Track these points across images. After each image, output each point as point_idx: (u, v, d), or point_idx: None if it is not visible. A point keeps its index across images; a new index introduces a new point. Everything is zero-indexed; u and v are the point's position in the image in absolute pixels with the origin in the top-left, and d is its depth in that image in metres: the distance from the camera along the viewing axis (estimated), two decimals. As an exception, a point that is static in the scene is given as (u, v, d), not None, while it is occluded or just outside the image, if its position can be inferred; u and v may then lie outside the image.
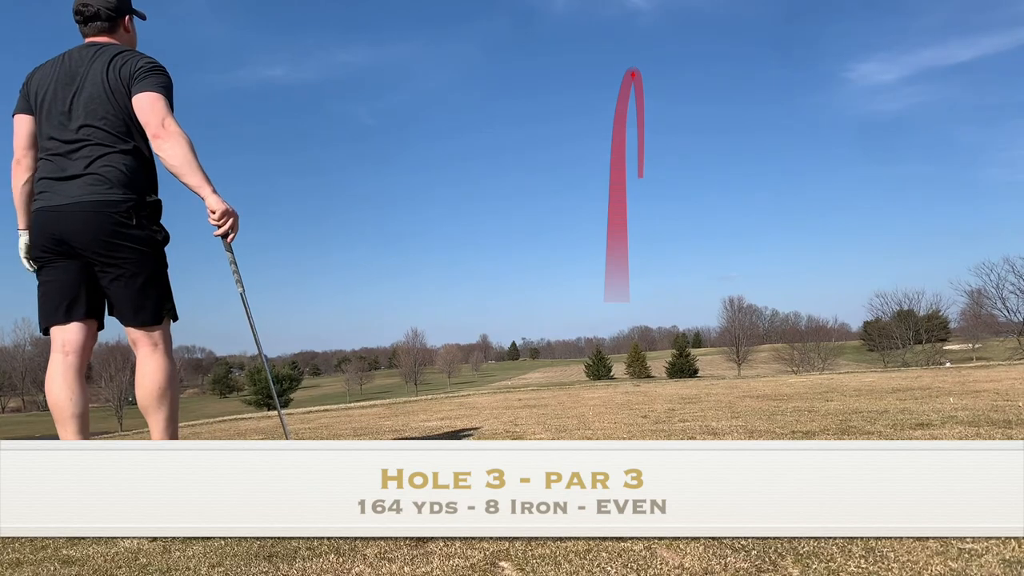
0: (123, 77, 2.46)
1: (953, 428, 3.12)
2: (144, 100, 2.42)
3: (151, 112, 2.40)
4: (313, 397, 65.57)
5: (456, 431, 4.16)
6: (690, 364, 63.80)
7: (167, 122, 2.40)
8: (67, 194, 2.40)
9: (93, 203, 2.37)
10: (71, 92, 2.48)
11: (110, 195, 2.38)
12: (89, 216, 2.37)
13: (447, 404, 7.04)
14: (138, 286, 2.45)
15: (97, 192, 2.38)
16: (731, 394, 6.06)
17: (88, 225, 2.38)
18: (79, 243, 2.39)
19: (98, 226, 2.37)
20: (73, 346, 2.46)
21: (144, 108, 2.41)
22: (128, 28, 2.67)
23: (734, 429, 3.46)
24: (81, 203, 2.38)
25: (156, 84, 2.45)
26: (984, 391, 4.97)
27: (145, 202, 2.46)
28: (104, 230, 2.37)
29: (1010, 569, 1.41)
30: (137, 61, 2.49)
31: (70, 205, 2.39)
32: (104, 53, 2.52)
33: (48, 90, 2.51)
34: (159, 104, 2.42)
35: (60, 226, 2.40)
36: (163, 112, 2.41)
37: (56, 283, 2.46)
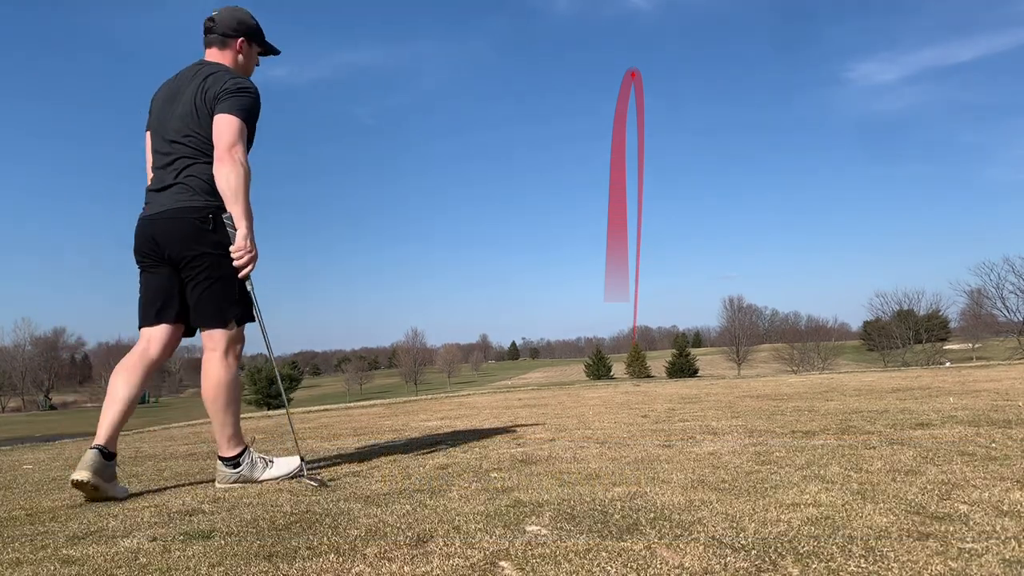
0: (208, 98, 2.56)
1: (953, 428, 3.12)
2: (219, 122, 2.52)
3: (220, 135, 2.50)
4: (313, 397, 65.60)
5: (456, 431, 4.16)
6: (690, 364, 63.80)
7: (234, 150, 2.48)
8: (160, 203, 2.56)
9: (176, 209, 2.53)
10: (172, 108, 2.63)
11: (192, 201, 2.53)
12: (173, 221, 2.53)
13: (447, 404, 7.03)
14: (208, 289, 2.55)
15: (181, 199, 2.53)
16: (731, 394, 6.06)
17: (172, 230, 2.53)
18: (167, 248, 2.55)
19: (180, 230, 2.52)
20: (155, 344, 2.61)
21: (217, 129, 2.51)
22: (242, 52, 2.74)
23: (734, 429, 3.46)
24: (168, 210, 2.54)
25: (235, 107, 2.53)
26: (984, 391, 4.97)
27: (224, 208, 2.53)
28: (184, 234, 2.51)
29: (1010, 569, 1.41)
30: (225, 82, 2.58)
31: (161, 213, 2.55)
32: (202, 71, 2.64)
33: (158, 106, 2.68)
34: (231, 128, 2.50)
35: (153, 233, 2.56)
36: (232, 138, 2.49)
37: (151, 288, 2.61)
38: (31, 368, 79.09)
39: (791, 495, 1.98)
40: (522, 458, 2.81)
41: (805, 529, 1.68)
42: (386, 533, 1.80)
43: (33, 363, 79.82)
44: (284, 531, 1.86)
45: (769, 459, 2.54)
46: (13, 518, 2.26)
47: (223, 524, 1.94)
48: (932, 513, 1.77)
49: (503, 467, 2.62)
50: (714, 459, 2.60)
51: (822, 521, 1.74)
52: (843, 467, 2.34)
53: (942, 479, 2.11)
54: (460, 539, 1.72)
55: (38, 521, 2.18)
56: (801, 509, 1.84)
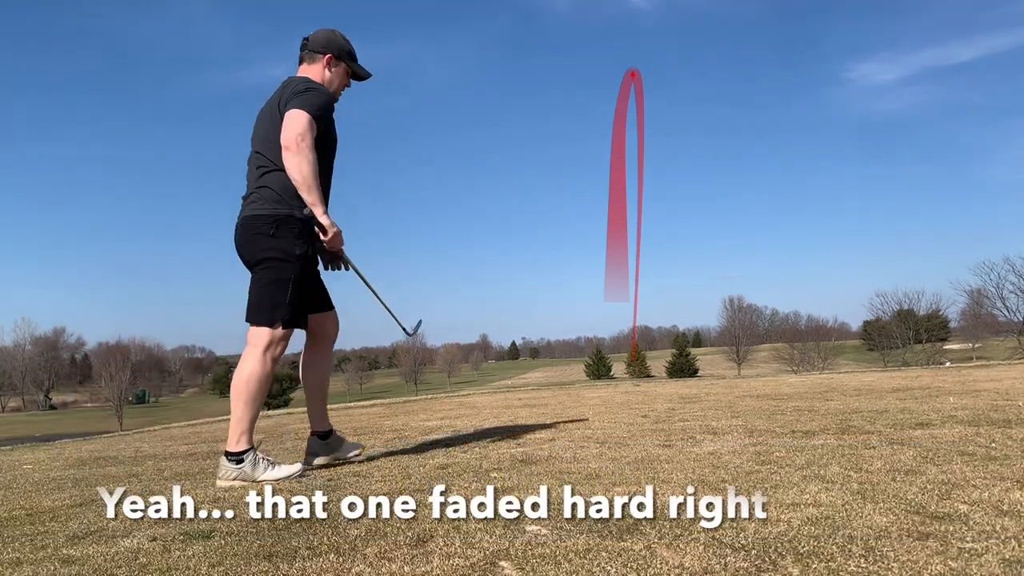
0: (282, 104, 2.68)
1: (953, 427, 3.12)
2: (288, 116, 2.61)
3: (287, 127, 2.59)
4: (313, 397, 65.33)
5: (456, 431, 4.16)
6: (690, 364, 63.73)
7: (300, 137, 2.56)
8: (241, 212, 2.74)
9: (248, 218, 2.68)
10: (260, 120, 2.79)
11: (261, 210, 2.66)
12: (245, 228, 2.69)
13: (447, 404, 7.03)
14: (263, 288, 2.66)
15: (254, 208, 2.67)
16: (731, 394, 6.06)
17: (244, 236, 2.70)
18: (242, 253, 2.72)
19: (249, 237, 2.68)
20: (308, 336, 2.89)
21: (285, 123, 2.60)
22: (328, 67, 2.85)
23: (734, 429, 3.45)
24: (243, 218, 2.70)
25: (303, 102, 2.63)
26: (984, 391, 4.97)
27: (292, 217, 2.65)
28: (252, 240, 2.67)
29: (1010, 569, 1.41)
30: (296, 85, 2.71)
31: (240, 221, 2.72)
32: (285, 84, 2.78)
33: (256, 121, 2.83)
34: (298, 120, 2.59)
35: (235, 239, 2.74)
36: (300, 128, 2.58)
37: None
38: (31, 368, 79.07)
39: (791, 495, 1.98)
40: (522, 458, 2.81)
41: (805, 529, 1.68)
42: (386, 533, 1.80)
43: (33, 363, 79.80)
44: (284, 531, 1.86)
45: (769, 459, 2.54)
46: (13, 518, 2.26)
47: (223, 524, 1.94)
48: (932, 513, 1.77)
49: (503, 467, 2.62)
50: (714, 459, 2.59)
51: (822, 521, 1.74)
52: (843, 467, 2.34)
53: (942, 479, 2.11)
54: (460, 539, 1.72)
55: (38, 521, 2.18)
56: (801, 509, 1.84)
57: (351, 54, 2.89)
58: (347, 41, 2.88)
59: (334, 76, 2.85)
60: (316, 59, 2.84)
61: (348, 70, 2.90)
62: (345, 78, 2.90)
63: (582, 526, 1.78)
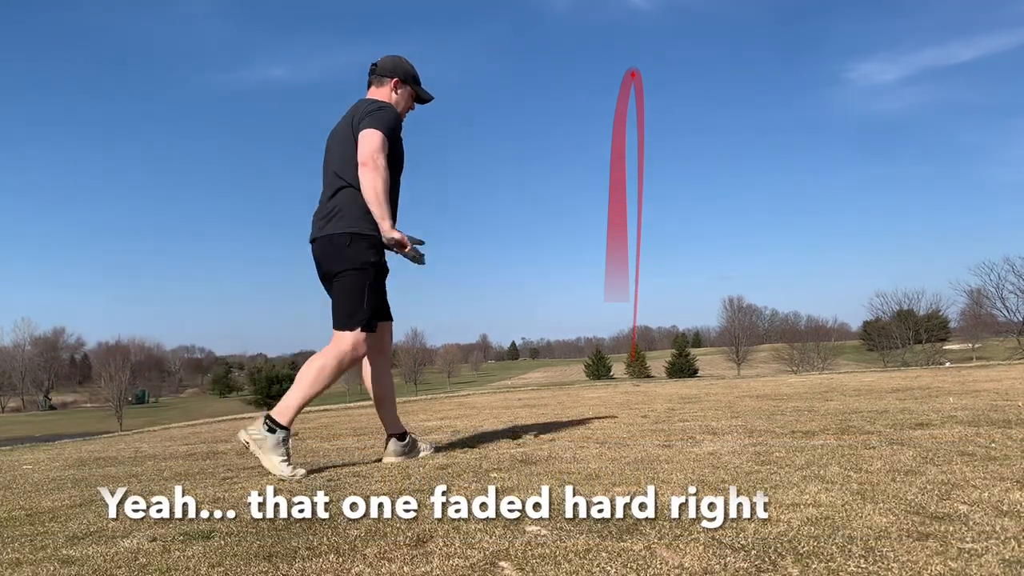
0: (354, 125, 2.86)
1: (953, 428, 3.12)
2: (363, 135, 2.81)
3: (364, 144, 2.79)
4: (313, 397, 65.36)
5: (456, 431, 4.16)
6: (690, 364, 63.73)
7: (374, 155, 2.78)
8: (318, 229, 2.91)
9: (325, 237, 2.87)
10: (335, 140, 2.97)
11: (339, 228, 2.84)
12: (325, 246, 2.88)
13: (447, 404, 7.04)
14: (343, 295, 2.86)
15: (328, 228, 2.86)
16: (731, 394, 6.06)
17: (324, 252, 2.89)
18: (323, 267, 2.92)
19: (329, 252, 2.87)
20: (362, 347, 2.93)
21: (361, 141, 2.80)
22: (395, 90, 3.05)
23: (734, 429, 3.45)
24: (322, 237, 2.88)
25: (376, 120, 2.83)
26: (984, 391, 4.97)
27: (363, 234, 2.84)
28: (331, 255, 2.86)
29: (1010, 569, 1.41)
30: (367, 105, 2.90)
31: (318, 239, 2.90)
32: (357, 106, 2.96)
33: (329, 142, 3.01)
34: (372, 138, 2.79)
35: (315, 255, 2.94)
36: (374, 146, 2.79)
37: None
38: (31, 368, 79.04)
39: (791, 495, 1.98)
40: (522, 458, 2.81)
41: (805, 529, 1.68)
42: (386, 533, 1.80)
43: (33, 363, 79.77)
44: (284, 531, 1.86)
45: (769, 459, 2.54)
46: (13, 518, 2.26)
47: (223, 524, 1.94)
48: (932, 513, 1.77)
49: (503, 467, 2.62)
50: (714, 459, 2.59)
51: (822, 521, 1.74)
52: (843, 467, 2.34)
53: (942, 479, 2.11)
54: (460, 539, 1.72)
55: (38, 521, 2.18)
56: (801, 509, 1.84)
57: (415, 78, 3.10)
58: (412, 66, 3.09)
59: (400, 98, 3.05)
60: (384, 83, 3.04)
61: (413, 93, 3.10)
62: (410, 101, 3.11)
63: (582, 526, 1.78)
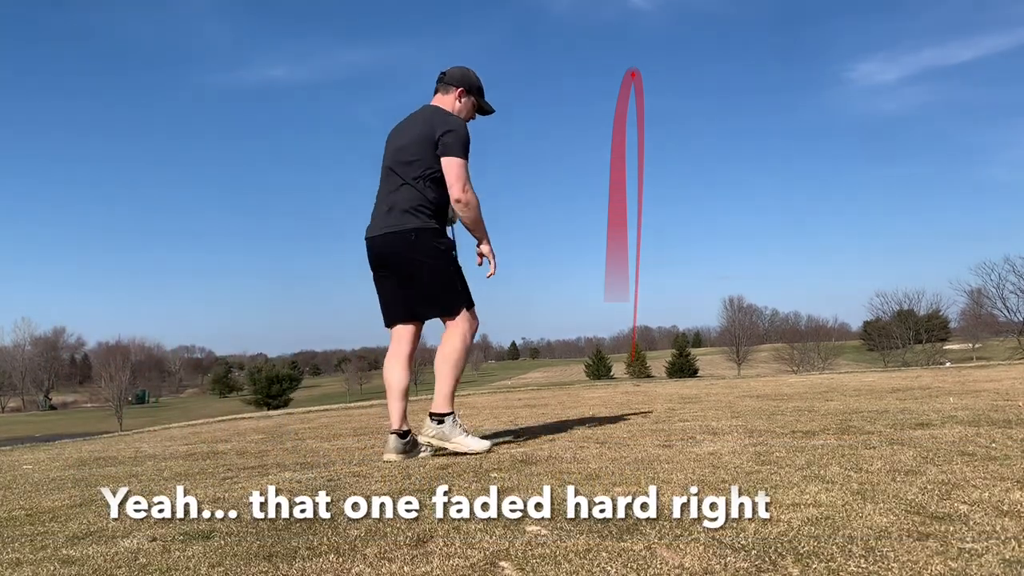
0: (432, 135, 3.01)
1: (953, 428, 3.12)
2: (450, 166, 3.00)
3: (454, 177, 3.00)
4: (313, 397, 65.51)
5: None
6: (690, 364, 63.71)
7: (466, 189, 3.01)
8: (384, 224, 3.05)
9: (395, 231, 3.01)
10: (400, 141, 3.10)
11: (405, 224, 3.00)
12: (393, 241, 3.02)
13: (447, 404, 7.02)
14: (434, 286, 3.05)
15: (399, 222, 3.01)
16: (731, 394, 6.06)
17: (392, 246, 3.03)
18: (391, 261, 3.06)
19: (398, 247, 3.02)
20: (403, 340, 3.17)
21: (449, 171, 3.00)
22: (459, 100, 3.20)
23: (734, 429, 3.45)
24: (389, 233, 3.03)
25: (458, 147, 3.01)
26: (984, 391, 4.97)
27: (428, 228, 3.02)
28: (402, 249, 3.01)
29: (1010, 569, 1.41)
30: (446, 123, 3.05)
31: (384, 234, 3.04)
32: (426, 111, 3.14)
33: (391, 140, 3.17)
34: (461, 170, 3.01)
35: (380, 249, 3.08)
36: (463, 178, 3.01)
37: (385, 294, 3.17)
38: (31, 368, 79.03)
39: (791, 495, 1.98)
40: (522, 458, 2.81)
41: (805, 529, 1.68)
42: (386, 533, 1.80)
43: (33, 363, 79.77)
44: (284, 531, 1.86)
45: (769, 459, 2.54)
46: (13, 518, 2.26)
47: (223, 524, 1.94)
48: (932, 513, 1.77)
49: (503, 467, 2.62)
50: (714, 459, 2.59)
51: (822, 521, 1.74)
52: (843, 467, 2.34)
53: (942, 479, 2.11)
54: (460, 539, 1.72)
55: (38, 521, 2.18)
56: (801, 509, 1.84)
57: (480, 90, 3.25)
58: (478, 78, 3.24)
59: (463, 107, 3.21)
60: (450, 91, 3.20)
61: (475, 104, 3.25)
62: (472, 111, 3.26)
63: (582, 526, 1.78)
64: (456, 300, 3.09)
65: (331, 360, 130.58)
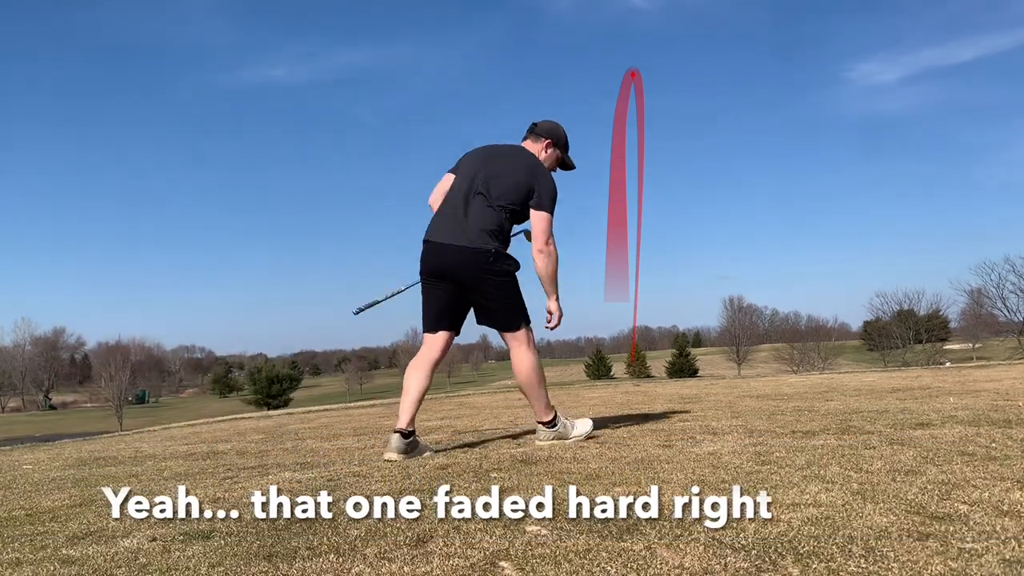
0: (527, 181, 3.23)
1: (953, 428, 3.12)
2: (540, 218, 3.24)
3: (540, 230, 3.24)
4: (313, 397, 65.52)
5: (456, 431, 4.16)
6: (690, 364, 63.67)
7: (549, 242, 3.26)
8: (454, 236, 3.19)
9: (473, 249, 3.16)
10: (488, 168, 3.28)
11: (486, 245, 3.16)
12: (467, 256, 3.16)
13: (447, 404, 7.04)
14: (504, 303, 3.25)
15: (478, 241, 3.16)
16: (731, 394, 6.06)
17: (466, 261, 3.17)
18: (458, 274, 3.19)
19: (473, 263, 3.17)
20: (436, 347, 3.31)
21: (538, 224, 3.25)
22: (546, 152, 3.42)
23: (734, 429, 3.45)
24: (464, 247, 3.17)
25: (550, 205, 3.26)
26: (984, 391, 4.97)
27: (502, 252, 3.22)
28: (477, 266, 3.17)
29: (1010, 569, 1.41)
30: (543, 178, 3.29)
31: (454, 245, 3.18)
32: (528, 157, 3.36)
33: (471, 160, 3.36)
34: (547, 225, 3.25)
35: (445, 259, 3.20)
36: (549, 233, 3.25)
37: (434, 302, 3.29)
38: (31, 368, 79.03)
39: (791, 495, 1.98)
40: (522, 458, 2.81)
41: (805, 529, 1.68)
42: (386, 533, 1.80)
43: (33, 363, 79.77)
44: (284, 531, 1.86)
45: (769, 459, 2.54)
46: (13, 518, 2.26)
47: (223, 524, 1.94)
48: (932, 513, 1.77)
49: (503, 467, 2.62)
50: (714, 459, 2.59)
51: (822, 521, 1.74)
52: (843, 467, 2.34)
53: (942, 479, 2.11)
54: (460, 539, 1.72)
55: (38, 521, 2.18)
56: (801, 509, 1.84)
57: (566, 146, 3.49)
58: (566, 135, 3.48)
59: (548, 158, 3.43)
60: (540, 140, 3.42)
61: (559, 157, 3.47)
62: (555, 163, 3.48)
63: (582, 526, 1.78)
64: (522, 317, 3.31)
65: (331, 360, 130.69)
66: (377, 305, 3.65)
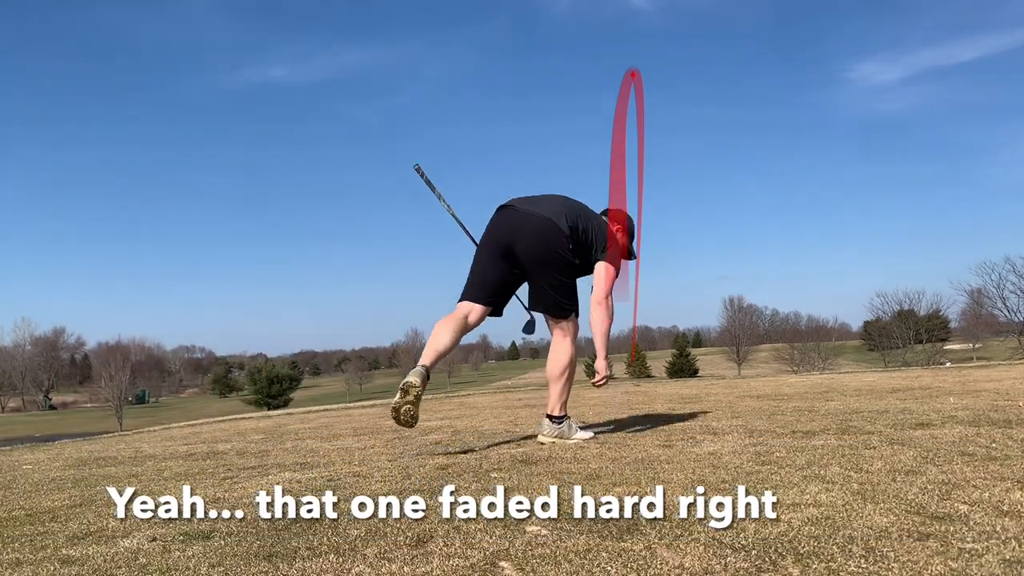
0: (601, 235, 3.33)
1: (953, 428, 3.12)
2: (606, 269, 3.32)
3: (601, 283, 3.32)
4: (313, 397, 65.51)
5: (456, 431, 4.16)
6: (690, 364, 63.65)
7: (608, 298, 3.31)
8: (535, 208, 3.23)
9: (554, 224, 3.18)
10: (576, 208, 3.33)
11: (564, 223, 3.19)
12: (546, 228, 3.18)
13: (447, 404, 7.03)
14: (562, 288, 3.26)
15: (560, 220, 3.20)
16: (731, 394, 6.06)
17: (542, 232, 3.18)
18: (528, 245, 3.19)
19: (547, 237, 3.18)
20: (474, 316, 3.31)
21: (599, 275, 3.32)
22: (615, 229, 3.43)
23: (734, 429, 3.45)
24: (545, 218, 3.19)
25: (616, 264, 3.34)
26: (984, 391, 4.97)
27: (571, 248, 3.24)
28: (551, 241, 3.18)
29: (1010, 569, 1.41)
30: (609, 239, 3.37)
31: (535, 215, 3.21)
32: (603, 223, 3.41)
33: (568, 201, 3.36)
34: (611, 280, 3.33)
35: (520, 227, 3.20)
36: (608, 287, 3.32)
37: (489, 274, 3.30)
38: (31, 368, 79.04)
39: (791, 495, 1.98)
40: (522, 458, 2.81)
41: (805, 529, 1.68)
42: (386, 533, 1.80)
43: (33, 363, 79.77)
44: (284, 531, 1.86)
45: (769, 459, 2.54)
46: (13, 518, 2.26)
47: (223, 524, 1.94)
48: (932, 513, 1.77)
49: (503, 467, 2.62)
50: (714, 459, 2.59)
51: (822, 521, 1.74)
52: (843, 467, 2.34)
53: (942, 479, 2.11)
54: (460, 539, 1.72)
55: (38, 521, 2.18)
56: (801, 509, 1.84)
57: (632, 235, 3.57)
58: (634, 226, 3.55)
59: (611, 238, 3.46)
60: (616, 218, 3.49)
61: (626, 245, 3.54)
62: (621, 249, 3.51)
63: (582, 526, 1.78)
64: (573, 308, 3.33)
65: (331, 360, 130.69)
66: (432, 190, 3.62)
